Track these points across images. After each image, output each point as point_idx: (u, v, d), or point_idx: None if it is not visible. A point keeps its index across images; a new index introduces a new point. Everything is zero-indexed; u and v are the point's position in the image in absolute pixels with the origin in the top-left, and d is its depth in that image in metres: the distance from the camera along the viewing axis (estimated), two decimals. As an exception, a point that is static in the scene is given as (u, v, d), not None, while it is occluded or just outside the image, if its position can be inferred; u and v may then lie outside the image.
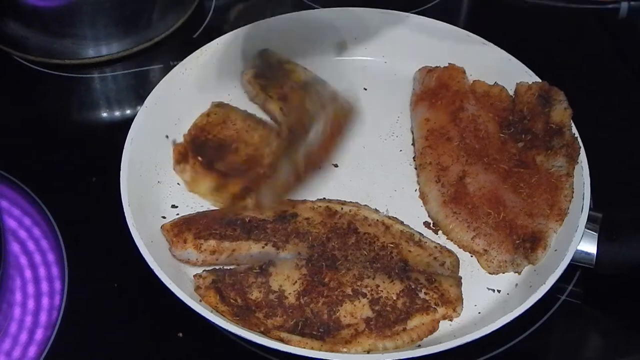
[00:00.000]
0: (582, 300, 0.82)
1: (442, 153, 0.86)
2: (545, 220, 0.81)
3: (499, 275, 0.81)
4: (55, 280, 0.81)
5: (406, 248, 0.80)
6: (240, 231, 0.79)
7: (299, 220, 0.81)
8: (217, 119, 0.90)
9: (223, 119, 0.90)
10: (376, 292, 0.76)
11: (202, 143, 0.88)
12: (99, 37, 0.99)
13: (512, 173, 0.84)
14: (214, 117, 0.90)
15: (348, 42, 0.98)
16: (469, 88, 0.92)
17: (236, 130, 0.89)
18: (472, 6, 1.13)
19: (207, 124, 0.90)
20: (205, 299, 0.75)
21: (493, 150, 0.86)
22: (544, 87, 0.89)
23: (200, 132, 0.89)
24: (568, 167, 0.83)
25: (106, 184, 0.82)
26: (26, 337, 0.77)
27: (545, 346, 0.79)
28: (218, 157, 0.87)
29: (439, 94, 0.90)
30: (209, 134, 0.89)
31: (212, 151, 0.87)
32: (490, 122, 0.88)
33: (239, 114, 0.91)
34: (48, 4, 0.96)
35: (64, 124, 0.97)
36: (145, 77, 1.00)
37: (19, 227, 0.85)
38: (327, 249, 0.79)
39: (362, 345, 0.73)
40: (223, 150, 0.87)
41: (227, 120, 0.90)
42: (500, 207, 0.82)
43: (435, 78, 0.92)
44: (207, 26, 1.06)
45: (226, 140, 0.88)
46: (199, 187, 0.86)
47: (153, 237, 0.79)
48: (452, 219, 0.83)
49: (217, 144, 0.88)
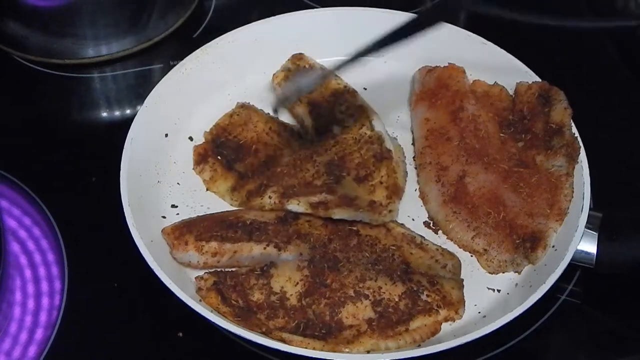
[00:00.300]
0: (582, 299, 0.82)
1: (442, 153, 0.86)
2: (545, 220, 0.81)
3: (499, 275, 0.81)
4: (55, 280, 0.81)
5: (408, 250, 0.80)
6: (241, 233, 0.79)
7: (300, 221, 0.81)
8: (239, 120, 0.90)
9: (245, 120, 0.90)
10: (378, 294, 0.76)
11: (223, 143, 0.88)
12: (98, 37, 0.99)
13: (512, 173, 0.84)
14: (236, 118, 0.90)
15: (348, 42, 0.98)
16: (469, 88, 0.92)
17: (257, 132, 0.89)
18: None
19: (229, 125, 0.90)
20: (207, 300, 0.75)
21: (493, 150, 0.86)
22: (544, 86, 0.89)
23: (222, 132, 0.89)
24: (568, 167, 0.83)
25: (106, 184, 0.82)
26: (26, 337, 0.77)
27: (545, 346, 0.79)
28: (237, 158, 0.87)
29: (439, 94, 0.90)
30: (230, 135, 0.89)
31: (232, 152, 0.87)
32: (490, 121, 0.88)
33: (262, 116, 0.91)
34: (48, 3, 0.96)
35: (64, 123, 0.97)
36: (145, 76, 1.00)
37: (19, 226, 0.85)
38: (329, 251, 0.79)
39: (364, 345, 0.73)
40: (243, 152, 0.88)
41: (249, 122, 0.90)
42: (500, 206, 0.82)
43: (435, 78, 0.92)
44: (206, 26, 1.06)
45: (247, 142, 0.88)
46: (217, 187, 0.86)
47: (153, 237, 0.79)
48: (452, 219, 0.83)
49: (237, 145, 0.88)
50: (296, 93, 0.88)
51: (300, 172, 0.85)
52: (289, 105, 0.91)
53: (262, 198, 0.83)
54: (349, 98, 0.91)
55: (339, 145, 0.87)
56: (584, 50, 1.07)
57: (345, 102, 0.91)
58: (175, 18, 1.04)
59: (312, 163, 0.85)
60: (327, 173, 0.84)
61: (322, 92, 0.92)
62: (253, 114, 0.91)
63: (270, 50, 0.95)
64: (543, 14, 1.11)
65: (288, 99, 0.89)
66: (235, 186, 0.85)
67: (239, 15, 1.01)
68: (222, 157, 0.87)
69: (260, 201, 0.83)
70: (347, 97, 0.91)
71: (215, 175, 0.86)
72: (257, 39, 0.96)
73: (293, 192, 0.83)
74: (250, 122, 0.90)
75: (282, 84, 0.92)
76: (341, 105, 0.90)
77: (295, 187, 0.83)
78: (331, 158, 0.86)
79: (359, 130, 0.88)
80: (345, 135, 0.88)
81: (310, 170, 0.85)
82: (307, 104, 0.91)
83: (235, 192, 0.85)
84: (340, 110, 0.90)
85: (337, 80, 0.93)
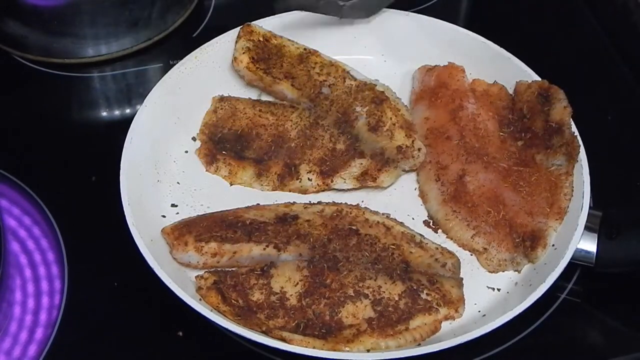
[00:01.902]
0: (582, 298, 0.82)
1: (441, 152, 0.86)
2: (545, 219, 0.81)
3: (499, 273, 0.81)
4: (55, 279, 0.81)
5: (407, 249, 0.80)
6: (241, 233, 0.79)
7: (300, 222, 0.81)
8: (225, 113, 0.91)
9: (232, 111, 0.91)
10: (378, 293, 0.76)
11: (222, 138, 0.89)
12: (98, 37, 0.99)
13: (511, 172, 0.84)
14: (222, 112, 0.91)
15: (348, 41, 0.98)
16: (468, 87, 0.92)
17: (249, 117, 0.90)
18: (472, 5, 1.13)
19: (218, 120, 0.90)
20: (207, 299, 0.75)
21: (493, 149, 0.86)
22: (544, 85, 0.89)
23: (214, 129, 0.90)
24: (568, 166, 0.83)
25: (106, 183, 0.82)
26: (26, 336, 0.77)
27: (545, 344, 0.79)
28: (245, 147, 0.88)
29: (439, 93, 0.90)
30: (224, 129, 0.89)
31: (235, 143, 0.88)
32: (489, 120, 0.88)
33: (246, 102, 0.92)
34: (48, 3, 0.96)
35: (63, 123, 0.97)
36: (144, 76, 1.00)
37: (19, 226, 0.85)
38: (329, 251, 0.79)
39: (364, 344, 0.73)
40: (245, 139, 0.88)
41: (236, 111, 0.91)
42: (500, 205, 0.82)
43: (435, 77, 0.92)
44: (206, 25, 1.06)
45: (244, 130, 0.89)
46: (241, 178, 0.86)
47: (153, 237, 0.79)
48: (452, 218, 0.83)
49: (236, 136, 0.89)
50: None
51: (316, 141, 0.87)
52: (264, 86, 0.92)
53: (301, 180, 0.85)
54: (316, 59, 0.93)
55: (336, 103, 0.89)
56: (584, 50, 1.06)
57: (316, 64, 0.92)
58: (175, 17, 1.04)
59: (322, 128, 0.88)
60: (341, 133, 0.87)
61: (290, 62, 0.92)
62: (236, 102, 0.91)
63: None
64: (543, 13, 1.11)
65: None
66: (259, 172, 0.86)
67: (239, 14, 1.00)
68: (229, 151, 0.88)
69: (299, 184, 0.85)
70: (314, 58, 0.93)
71: (232, 168, 0.87)
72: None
73: (329, 167, 0.85)
74: (237, 112, 0.90)
75: (251, 66, 0.91)
76: (314, 68, 0.92)
77: (326, 160, 0.86)
78: (336, 117, 0.88)
79: (344, 83, 0.90)
80: (335, 92, 0.90)
81: (325, 135, 0.87)
82: (284, 78, 0.91)
83: (263, 178, 0.86)
84: (317, 72, 0.91)
85: (295, 45, 0.94)
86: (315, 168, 0.86)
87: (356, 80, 0.91)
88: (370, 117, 0.87)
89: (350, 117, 0.88)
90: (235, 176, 0.87)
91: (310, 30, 0.97)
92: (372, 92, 0.89)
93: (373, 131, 0.86)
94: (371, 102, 0.88)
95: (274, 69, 0.92)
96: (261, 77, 0.92)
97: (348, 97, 0.89)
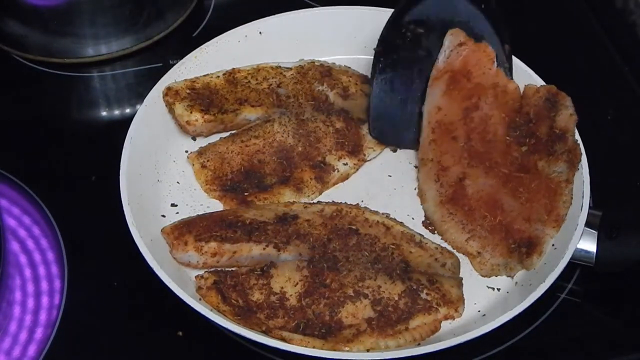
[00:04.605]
0: (581, 298, 0.82)
1: (445, 152, 0.85)
2: (542, 226, 0.80)
3: (499, 273, 0.81)
4: (55, 279, 0.81)
5: (407, 249, 0.80)
6: (241, 233, 0.79)
7: (299, 221, 0.81)
8: (214, 163, 0.86)
9: (218, 157, 0.87)
10: (378, 293, 0.76)
11: (233, 186, 0.85)
12: (98, 36, 0.99)
13: (512, 177, 0.83)
14: (209, 164, 0.86)
15: (349, 41, 0.98)
16: (491, 80, 0.87)
17: (239, 153, 0.86)
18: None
19: (214, 173, 0.86)
20: (207, 299, 0.75)
21: (496, 154, 0.84)
22: (552, 90, 0.86)
23: (219, 181, 0.86)
24: (568, 173, 0.82)
25: (106, 183, 0.82)
26: (26, 336, 0.77)
27: (545, 344, 0.79)
28: (260, 178, 0.86)
29: (460, 82, 0.86)
30: (227, 176, 0.86)
31: (249, 180, 0.85)
32: (500, 123, 0.85)
33: (223, 142, 0.88)
34: (48, 3, 0.96)
35: (63, 123, 0.97)
36: (144, 75, 1.00)
37: (19, 225, 0.85)
38: (328, 250, 0.79)
39: (364, 343, 0.73)
40: (254, 171, 0.86)
41: (222, 155, 0.87)
42: (498, 210, 0.82)
43: (463, 58, 0.86)
44: (206, 25, 1.06)
45: (245, 165, 0.86)
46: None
47: (153, 236, 0.79)
48: (448, 220, 0.83)
49: (244, 174, 0.86)
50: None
51: (316, 133, 0.88)
52: (225, 125, 0.89)
53: (338, 170, 0.87)
54: (241, 74, 0.91)
55: (299, 95, 0.90)
56: (584, 50, 1.07)
57: (246, 77, 0.91)
58: (175, 17, 1.04)
59: (309, 120, 0.88)
60: (328, 114, 0.89)
61: (227, 90, 0.90)
62: (215, 147, 0.87)
63: (270, 49, 0.95)
64: (543, 13, 1.11)
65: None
66: (296, 188, 0.85)
67: (239, 14, 1.00)
68: (251, 190, 0.85)
69: (339, 174, 0.87)
70: (239, 74, 0.91)
71: (270, 201, 0.85)
72: (257, 38, 0.96)
73: (350, 146, 0.87)
74: (224, 154, 0.87)
75: (206, 116, 0.88)
76: (249, 81, 0.91)
77: (342, 141, 0.87)
78: (311, 106, 0.90)
79: (286, 76, 0.92)
80: (289, 87, 0.91)
81: (317, 124, 0.88)
82: (240, 105, 0.89)
83: (305, 189, 0.85)
84: (256, 82, 0.91)
85: (215, 75, 0.91)
86: (340, 153, 0.87)
87: (291, 69, 0.92)
88: (334, 89, 0.91)
89: (321, 98, 0.90)
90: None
91: (311, 31, 0.97)
92: (315, 70, 0.92)
93: (347, 98, 0.90)
94: (322, 77, 0.92)
95: (225, 104, 0.89)
96: (221, 119, 0.88)
97: (303, 84, 0.91)
